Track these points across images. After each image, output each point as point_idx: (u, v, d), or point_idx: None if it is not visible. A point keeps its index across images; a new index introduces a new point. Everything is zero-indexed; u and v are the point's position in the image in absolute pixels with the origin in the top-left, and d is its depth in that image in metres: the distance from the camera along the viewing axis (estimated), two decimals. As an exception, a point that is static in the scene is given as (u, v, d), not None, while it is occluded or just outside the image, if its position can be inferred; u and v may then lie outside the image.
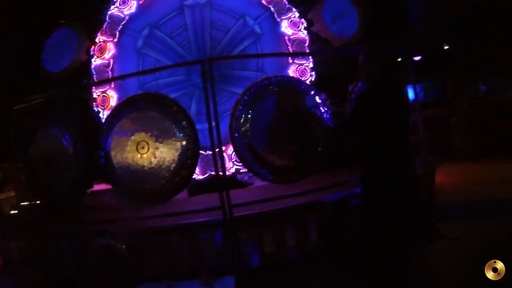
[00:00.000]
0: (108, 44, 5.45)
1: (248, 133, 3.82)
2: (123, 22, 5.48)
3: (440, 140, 6.52)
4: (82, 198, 4.34)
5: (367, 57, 2.69)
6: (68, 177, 4.04)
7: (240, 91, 5.81)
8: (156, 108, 3.70)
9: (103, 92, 5.45)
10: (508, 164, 6.13)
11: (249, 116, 3.81)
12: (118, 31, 5.48)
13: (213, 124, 3.67)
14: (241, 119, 3.81)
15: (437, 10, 6.30)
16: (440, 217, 4.36)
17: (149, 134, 3.69)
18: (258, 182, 6.35)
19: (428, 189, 4.67)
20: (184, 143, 3.65)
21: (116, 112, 3.81)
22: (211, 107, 3.73)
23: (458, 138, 6.71)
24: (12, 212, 5.25)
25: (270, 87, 3.89)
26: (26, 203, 5.04)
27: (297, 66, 5.87)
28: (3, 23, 6.43)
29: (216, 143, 3.68)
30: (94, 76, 5.47)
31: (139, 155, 3.71)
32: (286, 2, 5.86)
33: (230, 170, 5.59)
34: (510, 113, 6.19)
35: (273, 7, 5.81)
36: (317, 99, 3.90)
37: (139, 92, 5.61)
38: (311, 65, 5.90)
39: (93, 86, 5.40)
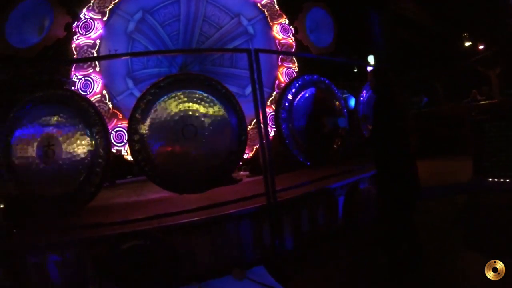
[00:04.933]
0: (96, 22, 4.75)
1: (291, 123, 3.89)
2: (115, 1, 4.88)
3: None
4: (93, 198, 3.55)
5: (373, 74, 3.28)
6: (81, 173, 3.35)
7: (229, 87, 5.76)
8: (208, 90, 3.44)
9: (85, 75, 4.69)
10: (447, 160, 7.45)
11: (293, 107, 3.89)
12: (109, 10, 4.84)
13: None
14: (287, 110, 3.85)
15: (393, 35, 7.54)
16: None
17: (198, 117, 3.39)
18: (247, 179, 6.33)
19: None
20: (237, 127, 3.47)
21: (157, 90, 3.37)
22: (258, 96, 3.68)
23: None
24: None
25: (312, 82, 4.08)
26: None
27: (285, 68, 6.14)
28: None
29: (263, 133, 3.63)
30: (75, 56, 4.67)
31: (184, 140, 3.36)
32: (278, 8, 6.11)
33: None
34: (445, 121, 7.74)
35: (267, 11, 5.98)
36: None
37: (128, 80, 5.06)
38: (297, 69, 6.25)
39: (73, 63, 4.59)
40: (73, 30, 4.65)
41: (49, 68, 4.70)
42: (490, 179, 4.79)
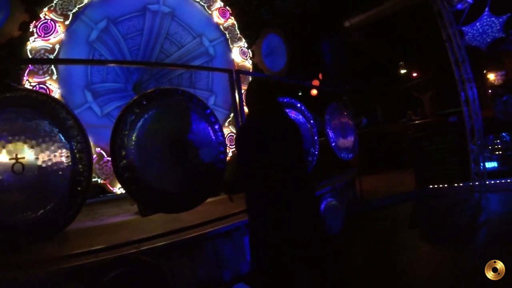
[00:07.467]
0: (57, 25, 4.37)
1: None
2: (81, 5, 4.56)
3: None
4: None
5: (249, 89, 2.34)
6: (60, 192, 3.01)
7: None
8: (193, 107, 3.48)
9: (40, 83, 4.25)
10: (390, 174, 8.25)
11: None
12: (72, 14, 4.50)
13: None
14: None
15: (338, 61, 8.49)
16: (366, 208, 5.75)
17: (186, 133, 3.40)
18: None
19: (353, 190, 6.11)
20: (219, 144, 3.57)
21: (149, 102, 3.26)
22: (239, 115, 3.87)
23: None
24: None
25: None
26: None
27: (243, 91, 6.39)
28: None
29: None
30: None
31: (173, 157, 3.32)
32: (238, 32, 6.40)
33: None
34: (385, 139, 8.70)
35: (228, 33, 6.21)
36: None
37: (87, 93, 4.74)
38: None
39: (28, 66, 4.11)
40: (30, 30, 4.20)
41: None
42: (430, 186, 5.72)
